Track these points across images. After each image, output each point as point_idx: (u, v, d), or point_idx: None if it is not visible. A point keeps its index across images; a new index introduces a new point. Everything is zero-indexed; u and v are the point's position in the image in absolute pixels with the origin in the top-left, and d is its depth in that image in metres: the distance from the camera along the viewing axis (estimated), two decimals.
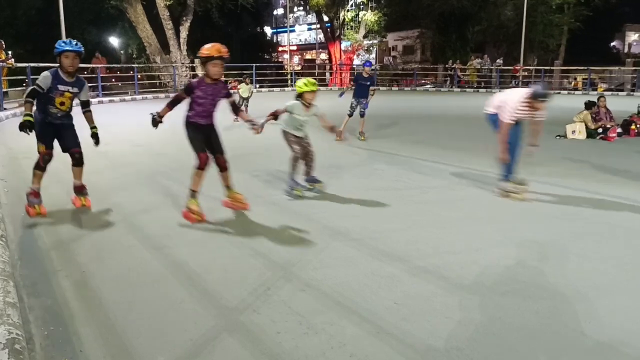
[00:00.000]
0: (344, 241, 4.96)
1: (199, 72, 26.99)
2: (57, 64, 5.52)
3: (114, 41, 36.56)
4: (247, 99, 14.69)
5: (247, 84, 14.75)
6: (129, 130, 12.76)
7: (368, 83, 11.41)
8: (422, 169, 8.43)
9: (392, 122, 14.60)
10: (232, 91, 6.29)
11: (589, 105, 12.20)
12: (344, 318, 3.45)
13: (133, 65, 26.49)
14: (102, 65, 23.86)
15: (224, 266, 4.33)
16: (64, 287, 3.92)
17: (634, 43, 45.61)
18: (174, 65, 25.08)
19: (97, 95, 21.21)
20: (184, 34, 25.88)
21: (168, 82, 25.40)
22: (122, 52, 37.79)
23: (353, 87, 11.53)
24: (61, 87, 5.52)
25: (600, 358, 3.03)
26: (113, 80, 25.99)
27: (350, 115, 11.45)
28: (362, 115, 11.46)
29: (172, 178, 7.67)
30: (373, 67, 32.11)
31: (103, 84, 22.02)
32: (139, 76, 24.41)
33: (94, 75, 21.14)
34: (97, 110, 6.65)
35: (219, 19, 30.54)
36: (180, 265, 4.36)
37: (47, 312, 3.49)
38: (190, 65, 26.43)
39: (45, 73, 5.47)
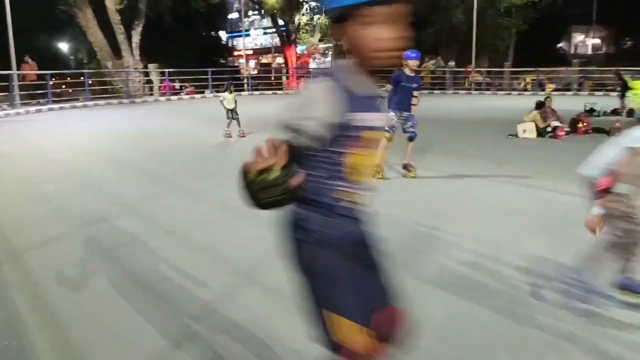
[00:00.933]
0: None
1: (153, 77, 26.71)
2: None
3: (64, 47, 35.57)
4: (234, 111, 12.35)
5: (230, 93, 12.40)
6: (80, 138, 12.43)
7: (414, 85, 7.65)
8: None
9: None
10: (187, 96, 6.16)
11: (539, 105, 12.61)
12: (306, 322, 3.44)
13: (83, 71, 25.82)
14: (31, 72, 22.53)
15: (184, 274, 4.26)
16: (18, 301, 3.78)
17: (580, 44, 47.42)
18: (126, 70, 24.57)
19: (47, 103, 20.60)
20: (136, 38, 25.42)
21: (121, 87, 24.86)
22: (72, 57, 36.80)
23: (390, 92, 7.64)
24: None
25: (558, 350, 3.12)
26: (63, 86, 25.28)
27: (390, 139, 7.60)
28: (410, 138, 7.83)
29: (128, 185, 7.51)
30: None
31: (53, 90, 21.39)
32: (90, 82, 23.81)
33: (25, 83, 20.63)
34: (47, 119, 6.46)
35: (172, 23, 30.13)
36: (138, 275, 4.26)
37: (1, 327, 3.37)
38: (144, 70, 25.97)
39: None
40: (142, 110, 20.11)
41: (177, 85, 27.92)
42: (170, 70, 26.11)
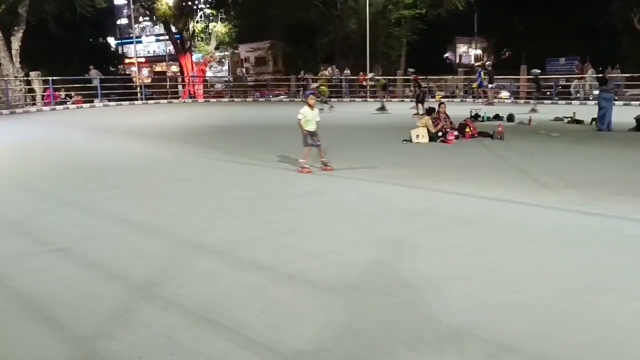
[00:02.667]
0: (206, 255, 4.84)
1: (35, 85, 24.93)
2: None
3: None
4: (314, 134, 8.72)
5: (312, 108, 8.81)
6: None
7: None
8: (278, 176, 8.52)
9: (242, 133, 14.63)
10: (74, 105, 5.81)
11: (429, 111, 13.24)
12: (212, 333, 3.36)
13: None
14: None
15: (75, 293, 3.99)
16: None
17: (464, 54, 50.63)
18: (5, 79, 22.77)
19: None
20: (16, 45, 23.63)
21: (0, 97, 22.99)
22: None
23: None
24: None
25: (455, 343, 3.27)
26: None
27: None
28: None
29: (9, 202, 6.95)
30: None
31: None
32: None
33: None
34: None
35: (56, 29, 28.33)
36: (24, 297, 3.94)
37: None
38: (25, 78, 24.19)
39: None
40: (24, 121, 18.72)
41: (62, 94, 26.26)
42: (54, 78, 24.52)
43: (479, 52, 49.80)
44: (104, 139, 13.24)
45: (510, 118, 16.35)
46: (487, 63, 25.11)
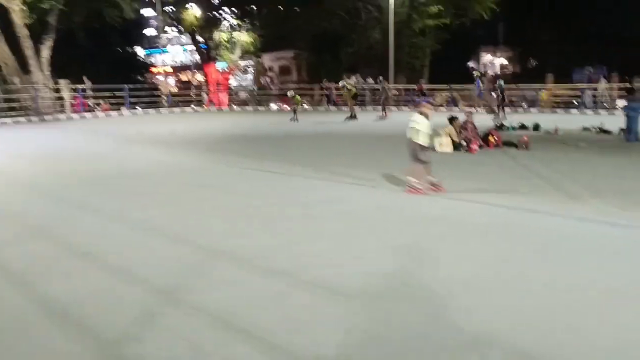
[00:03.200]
0: (229, 261, 4.88)
1: (65, 93, 25.47)
2: None
3: None
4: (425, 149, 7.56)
5: (426, 117, 7.48)
6: None
7: None
8: (300, 184, 8.55)
9: (264, 141, 14.72)
10: (102, 112, 5.92)
11: (451, 120, 13.15)
12: (235, 338, 3.38)
13: None
14: None
15: (100, 296, 4.06)
16: None
17: (488, 63, 50.23)
18: (35, 86, 23.32)
19: None
20: (45, 53, 24.22)
21: (29, 105, 23.54)
22: None
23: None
24: None
25: (477, 352, 3.23)
26: None
27: None
28: None
29: (39, 208, 7.10)
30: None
31: None
32: None
33: None
34: None
35: (85, 39, 28.97)
36: (50, 301, 4.02)
37: None
38: (54, 86, 24.74)
39: None
40: (53, 128, 19.14)
41: (91, 102, 26.81)
42: (83, 86, 25.05)
43: (504, 61, 49.34)
44: (130, 146, 13.46)
45: (536, 127, 16.16)
46: (499, 72, 24.94)
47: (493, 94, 22.77)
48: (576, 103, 24.89)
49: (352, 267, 4.68)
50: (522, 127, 16.43)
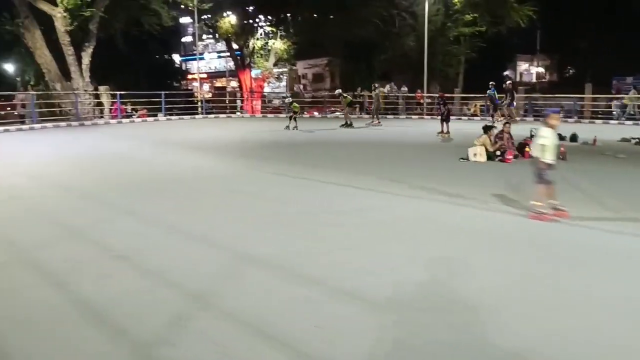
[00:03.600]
0: (261, 267, 4.91)
1: (104, 99, 26.15)
2: None
3: (9, 68, 34.50)
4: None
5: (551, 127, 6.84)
6: (23, 162, 11.99)
7: None
8: (332, 192, 8.54)
9: (297, 148, 14.78)
10: (139, 118, 6.02)
11: (486, 129, 12.98)
12: (266, 345, 3.39)
13: (31, 92, 25.01)
14: None
15: (134, 299, 4.13)
16: None
17: (525, 72, 49.40)
18: (75, 92, 23.97)
19: None
20: (86, 60, 24.86)
21: (70, 110, 24.20)
22: (17, 78, 35.66)
23: None
24: None
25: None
26: (8, 108, 24.41)
27: None
28: None
29: (77, 210, 7.27)
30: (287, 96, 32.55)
31: None
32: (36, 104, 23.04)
33: None
34: None
35: (124, 46, 29.67)
36: (85, 301, 4.10)
37: None
38: (94, 92, 25.39)
39: None
40: (92, 133, 19.61)
41: (128, 108, 27.41)
42: (122, 92, 25.65)
43: (541, 69, 48.49)
44: (166, 151, 13.67)
45: (574, 138, 15.79)
46: (508, 82, 24.53)
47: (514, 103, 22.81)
48: (614, 113, 24.29)
49: (385, 276, 4.65)
50: (560, 137, 16.11)
